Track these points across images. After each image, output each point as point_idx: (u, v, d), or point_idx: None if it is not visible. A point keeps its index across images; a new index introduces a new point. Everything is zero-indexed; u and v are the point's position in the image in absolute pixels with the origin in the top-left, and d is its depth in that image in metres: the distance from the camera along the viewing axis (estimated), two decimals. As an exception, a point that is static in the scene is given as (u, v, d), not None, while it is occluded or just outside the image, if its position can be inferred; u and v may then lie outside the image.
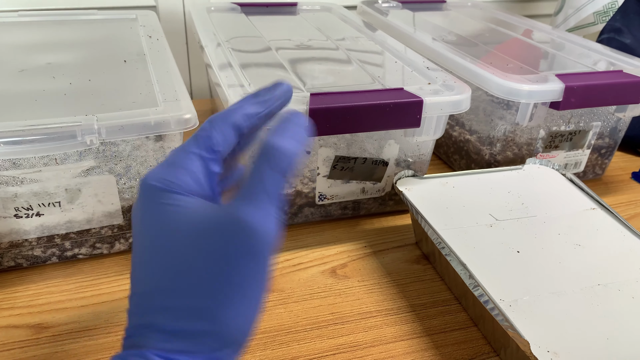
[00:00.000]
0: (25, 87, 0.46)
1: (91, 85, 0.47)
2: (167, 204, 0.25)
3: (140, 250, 0.26)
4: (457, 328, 0.41)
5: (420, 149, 0.52)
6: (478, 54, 0.60)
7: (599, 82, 0.52)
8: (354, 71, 0.54)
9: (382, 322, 0.41)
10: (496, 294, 0.37)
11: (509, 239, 0.43)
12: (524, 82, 0.51)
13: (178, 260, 0.24)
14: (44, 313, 0.41)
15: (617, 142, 0.62)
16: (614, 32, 0.75)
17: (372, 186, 0.52)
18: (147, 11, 0.69)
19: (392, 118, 0.45)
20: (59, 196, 0.42)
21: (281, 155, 0.25)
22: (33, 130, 0.37)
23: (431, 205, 0.46)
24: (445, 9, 0.85)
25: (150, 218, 0.26)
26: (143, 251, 0.26)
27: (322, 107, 0.43)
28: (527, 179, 0.51)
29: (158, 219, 0.25)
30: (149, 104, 0.43)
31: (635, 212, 0.58)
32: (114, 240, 0.46)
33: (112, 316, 0.41)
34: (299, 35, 0.65)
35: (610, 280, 0.39)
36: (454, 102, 0.47)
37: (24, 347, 0.38)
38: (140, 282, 0.25)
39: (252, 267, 0.24)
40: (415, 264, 0.48)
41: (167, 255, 0.24)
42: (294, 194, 0.50)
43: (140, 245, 0.26)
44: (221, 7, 0.74)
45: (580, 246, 0.42)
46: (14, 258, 0.44)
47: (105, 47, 0.57)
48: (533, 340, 0.33)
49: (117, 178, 0.43)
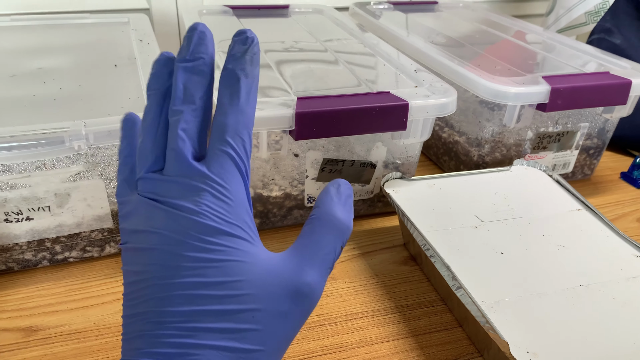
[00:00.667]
0: (15, 93, 0.46)
1: (81, 90, 0.47)
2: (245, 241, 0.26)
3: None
4: (442, 329, 0.42)
5: (407, 151, 0.52)
6: (468, 56, 0.61)
7: (585, 84, 0.52)
8: (341, 74, 0.54)
9: (368, 323, 0.42)
10: (478, 295, 0.37)
11: (493, 240, 0.43)
12: (511, 84, 0.51)
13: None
14: (34, 316, 0.41)
15: (605, 143, 0.62)
16: (604, 32, 0.75)
17: (361, 188, 0.53)
18: (139, 15, 0.70)
19: (379, 121, 0.46)
20: (49, 201, 0.42)
21: (347, 230, 0.28)
22: (21, 136, 0.38)
23: (417, 207, 0.47)
24: (437, 10, 0.85)
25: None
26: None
27: (309, 112, 0.43)
28: (514, 181, 0.52)
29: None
30: (138, 109, 0.43)
31: (623, 212, 0.58)
32: (104, 243, 0.47)
33: (102, 319, 0.41)
34: (289, 37, 0.65)
35: (592, 281, 0.39)
36: (440, 105, 0.47)
37: (14, 349, 0.38)
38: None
39: (304, 322, 0.27)
40: (402, 265, 0.48)
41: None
42: (283, 196, 0.51)
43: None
44: (213, 9, 0.74)
45: (564, 247, 0.43)
46: (4, 262, 0.44)
47: (96, 51, 0.57)
48: (513, 341, 0.34)
49: (107, 182, 0.43)
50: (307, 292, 0.26)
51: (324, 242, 0.27)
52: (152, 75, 0.28)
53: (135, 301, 0.25)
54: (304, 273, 0.26)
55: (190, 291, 0.24)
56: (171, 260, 0.24)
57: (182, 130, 0.26)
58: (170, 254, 0.25)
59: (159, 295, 0.24)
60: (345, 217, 0.28)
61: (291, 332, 0.26)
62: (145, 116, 0.28)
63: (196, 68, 0.27)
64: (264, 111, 0.43)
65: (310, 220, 0.28)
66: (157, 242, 0.25)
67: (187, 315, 0.24)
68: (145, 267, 0.25)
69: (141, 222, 0.26)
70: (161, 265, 0.25)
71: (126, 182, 0.28)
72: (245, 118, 0.27)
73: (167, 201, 0.25)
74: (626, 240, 0.44)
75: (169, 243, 0.25)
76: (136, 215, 0.26)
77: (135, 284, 0.25)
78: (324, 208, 0.28)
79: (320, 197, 0.29)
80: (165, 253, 0.25)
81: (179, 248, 0.24)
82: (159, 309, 0.24)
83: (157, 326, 0.24)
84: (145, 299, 0.25)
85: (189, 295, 0.24)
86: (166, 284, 0.24)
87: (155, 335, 0.24)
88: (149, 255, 0.25)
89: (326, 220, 0.28)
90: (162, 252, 0.25)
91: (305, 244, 0.27)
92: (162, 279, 0.24)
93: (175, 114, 0.26)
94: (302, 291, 0.26)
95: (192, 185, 0.25)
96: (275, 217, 0.52)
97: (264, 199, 0.50)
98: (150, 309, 0.24)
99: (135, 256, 0.26)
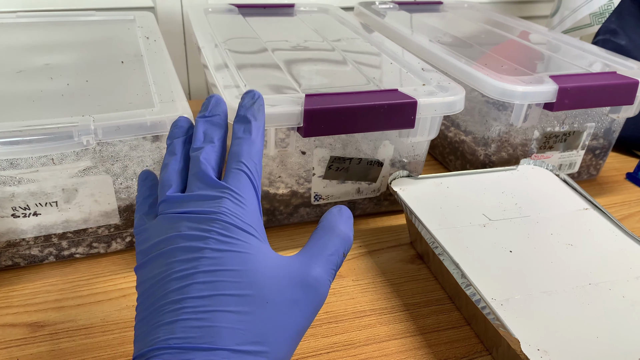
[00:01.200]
0: (23, 88, 0.46)
1: (88, 86, 0.47)
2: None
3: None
4: (450, 327, 0.42)
5: (415, 150, 0.52)
6: (474, 56, 0.61)
7: (592, 84, 0.52)
8: (349, 72, 0.54)
9: (376, 321, 0.42)
10: (488, 293, 0.37)
11: (501, 238, 0.43)
12: (518, 83, 0.51)
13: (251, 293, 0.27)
14: (40, 312, 0.41)
15: (611, 143, 0.62)
16: (609, 33, 0.75)
17: (368, 186, 0.53)
18: (145, 12, 0.70)
19: (387, 119, 0.45)
20: (56, 196, 0.42)
21: (349, 240, 0.32)
22: (30, 130, 0.38)
23: (425, 205, 0.47)
24: (442, 10, 0.85)
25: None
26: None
27: (317, 108, 0.43)
28: (521, 180, 0.52)
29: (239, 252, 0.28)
30: (146, 105, 0.43)
31: (629, 212, 0.58)
32: (111, 239, 0.47)
33: (108, 315, 0.41)
34: (295, 36, 0.65)
35: (601, 280, 0.39)
36: (448, 103, 0.47)
37: (21, 345, 0.38)
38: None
39: (313, 317, 0.29)
40: (409, 264, 0.48)
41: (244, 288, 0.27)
42: (290, 194, 0.51)
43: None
44: (219, 8, 0.74)
45: (572, 246, 0.43)
46: (11, 257, 0.44)
47: (102, 48, 0.57)
48: (523, 338, 0.33)
49: (114, 178, 0.43)
50: (314, 284, 0.29)
51: (328, 245, 0.31)
52: (174, 127, 0.34)
53: (151, 299, 0.27)
54: (310, 268, 0.29)
55: (212, 278, 0.26)
56: (193, 253, 0.27)
57: (203, 159, 0.31)
58: (192, 248, 0.27)
59: (179, 286, 0.26)
60: (347, 230, 0.32)
61: (302, 320, 0.28)
62: (167, 157, 0.33)
63: (213, 120, 0.33)
64: (273, 108, 0.43)
65: (315, 230, 0.32)
66: (179, 241, 0.28)
67: (208, 299, 0.26)
68: (164, 267, 0.27)
69: (163, 232, 0.29)
70: (183, 259, 0.27)
71: (145, 216, 0.32)
72: (255, 148, 0.32)
73: (189, 210, 0.29)
74: (634, 239, 0.44)
75: (191, 239, 0.27)
76: (157, 231, 0.29)
77: (152, 286, 0.27)
78: (328, 222, 0.32)
79: (324, 215, 0.33)
80: (188, 249, 0.27)
81: (201, 242, 0.27)
82: (179, 297, 0.26)
83: (175, 313, 0.25)
84: (163, 293, 0.26)
85: (210, 281, 0.26)
86: (187, 274, 0.26)
87: (174, 322, 0.25)
88: (170, 254, 0.27)
89: (330, 229, 0.31)
90: (185, 249, 0.27)
91: (311, 246, 0.31)
92: (183, 271, 0.27)
93: (196, 150, 0.31)
94: (309, 282, 0.29)
95: (212, 195, 0.29)
96: (281, 214, 0.52)
97: (270, 197, 0.50)
98: (169, 300, 0.26)
99: (153, 264, 0.28)
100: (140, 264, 0.29)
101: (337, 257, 0.31)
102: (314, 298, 0.29)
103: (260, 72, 0.52)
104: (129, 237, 0.47)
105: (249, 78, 0.49)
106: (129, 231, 0.47)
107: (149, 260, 0.28)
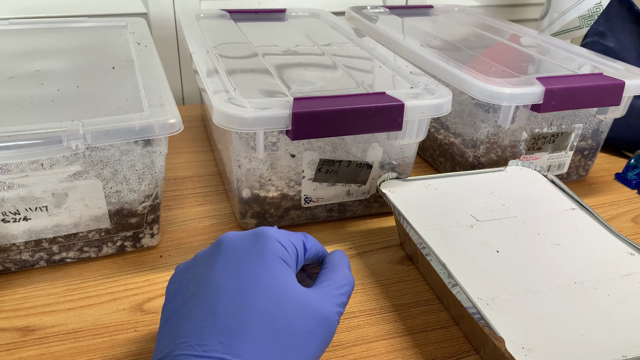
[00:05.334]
0: (13, 94, 0.47)
1: (79, 92, 0.48)
2: (279, 258, 0.33)
3: (231, 274, 0.32)
4: (439, 327, 0.42)
5: (403, 152, 0.53)
6: (464, 59, 0.61)
7: (579, 85, 0.53)
8: (339, 76, 0.55)
9: (365, 321, 0.42)
10: (474, 292, 0.37)
11: (489, 239, 0.44)
12: (505, 85, 0.52)
13: (268, 312, 0.30)
14: (31, 316, 0.41)
15: (599, 144, 0.63)
16: (597, 35, 0.76)
17: (357, 189, 0.53)
18: (137, 18, 0.70)
19: (374, 121, 0.46)
20: (46, 201, 0.42)
21: (352, 283, 0.37)
22: (19, 135, 0.38)
23: (413, 206, 0.47)
24: (433, 14, 0.86)
25: (261, 263, 0.32)
26: (233, 277, 0.32)
27: (305, 111, 0.43)
28: (509, 181, 0.52)
29: (272, 269, 0.32)
30: (135, 110, 0.43)
31: (617, 212, 0.59)
32: (102, 243, 0.47)
33: (99, 318, 0.41)
34: (286, 41, 0.66)
35: (587, 279, 0.40)
36: (435, 105, 0.48)
37: (10, 349, 0.38)
38: (222, 313, 0.30)
39: (324, 349, 0.33)
40: (399, 265, 0.49)
41: (259, 303, 0.30)
42: (280, 196, 0.51)
43: (234, 272, 0.32)
44: (210, 14, 0.75)
45: (559, 245, 0.43)
46: (1, 262, 0.44)
47: (94, 54, 0.58)
48: (509, 337, 0.34)
49: (104, 182, 0.44)
50: (328, 319, 0.32)
51: (339, 285, 0.35)
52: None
53: (180, 312, 0.31)
54: (325, 303, 0.33)
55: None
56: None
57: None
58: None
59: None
60: (350, 273, 0.37)
61: (313, 351, 0.31)
62: None
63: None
64: (262, 111, 0.43)
65: (325, 270, 0.36)
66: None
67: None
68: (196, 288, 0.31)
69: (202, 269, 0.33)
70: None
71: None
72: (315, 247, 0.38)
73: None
74: (620, 238, 0.44)
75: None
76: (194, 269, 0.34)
77: (183, 304, 0.31)
78: (335, 264, 0.37)
79: (329, 257, 0.38)
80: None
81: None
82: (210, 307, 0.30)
83: (208, 321, 0.29)
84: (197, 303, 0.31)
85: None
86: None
87: (206, 327, 0.29)
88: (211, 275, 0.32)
89: (339, 271, 0.36)
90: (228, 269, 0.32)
91: (325, 284, 0.35)
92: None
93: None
94: (324, 315, 0.32)
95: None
96: (272, 217, 0.52)
97: (260, 200, 0.50)
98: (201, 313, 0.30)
99: (184, 287, 0.32)
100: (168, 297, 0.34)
101: (346, 297, 0.35)
102: (326, 331, 0.32)
103: (251, 77, 0.53)
104: (120, 241, 0.47)
105: (239, 83, 0.50)
106: (119, 235, 0.47)
107: (180, 289, 0.33)
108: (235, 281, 0.31)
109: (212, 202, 0.57)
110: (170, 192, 0.59)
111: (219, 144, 0.61)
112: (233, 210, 0.56)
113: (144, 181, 0.45)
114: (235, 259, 0.32)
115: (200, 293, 0.31)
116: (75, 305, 0.42)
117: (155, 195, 0.46)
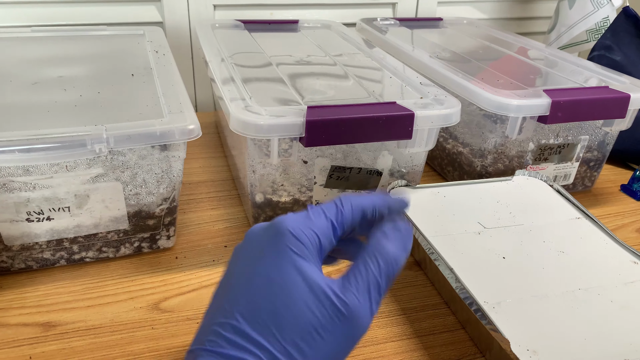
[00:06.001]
0: (38, 99, 0.48)
1: (100, 98, 0.49)
2: (297, 255, 0.29)
3: (250, 278, 0.30)
4: (446, 330, 0.43)
5: (413, 160, 0.54)
6: (472, 71, 0.63)
7: (585, 97, 0.54)
8: (350, 86, 0.56)
9: (374, 324, 0.43)
10: (481, 296, 0.39)
11: (495, 245, 0.45)
12: (513, 97, 0.53)
13: (289, 310, 0.28)
14: (52, 312, 0.43)
15: (605, 155, 0.64)
16: (604, 49, 0.77)
17: (367, 195, 0.54)
18: (154, 27, 0.72)
19: (385, 130, 0.47)
20: (69, 201, 0.44)
21: (393, 264, 0.30)
22: (45, 138, 0.40)
23: (422, 213, 0.48)
24: (442, 27, 0.87)
25: (275, 259, 0.29)
26: (253, 280, 0.29)
27: (318, 119, 0.45)
28: (516, 190, 0.53)
29: (284, 266, 0.29)
30: (155, 115, 0.45)
31: (622, 222, 0.60)
32: (120, 244, 0.49)
33: (117, 316, 0.43)
34: (299, 51, 0.67)
35: (591, 285, 0.41)
36: (444, 115, 0.49)
37: (32, 343, 0.40)
38: (248, 307, 0.28)
39: (349, 347, 0.29)
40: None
41: (280, 301, 0.28)
42: (292, 201, 0.52)
43: (252, 275, 0.30)
44: (225, 24, 0.77)
45: (564, 253, 0.44)
46: (24, 260, 0.46)
47: (113, 61, 0.60)
48: (514, 339, 0.35)
49: (124, 185, 0.45)
50: (352, 318, 0.28)
51: (369, 269, 0.29)
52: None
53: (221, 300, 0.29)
54: (344, 294, 0.28)
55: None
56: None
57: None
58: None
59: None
60: (395, 249, 0.30)
61: (334, 352, 0.28)
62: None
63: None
64: (276, 119, 0.45)
65: (360, 257, 0.30)
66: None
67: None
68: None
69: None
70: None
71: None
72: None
73: None
74: (624, 247, 0.45)
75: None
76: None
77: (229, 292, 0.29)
78: (375, 240, 0.30)
79: (374, 230, 0.31)
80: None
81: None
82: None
83: (219, 317, 0.28)
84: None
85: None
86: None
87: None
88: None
89: (372, 249, 0.30)
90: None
91: (352, 270, 0.30)
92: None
93: None
94: (344, 315, 0.28)
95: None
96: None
97: (273, 204, 0.52)
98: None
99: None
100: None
101: (378, 293, 0.29)
102: (347, 330, 0.28)
103: (265, 86, 0.55)
104: (137, 242, 0.49)
105: (254, 91, 0.51)
106: (137, 236, 0.49)
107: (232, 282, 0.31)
108: (247, 281, 0.30)
109: (226, 206, 0.59)
110: (185, 196, 0.61)
111: (233, 150, 0.63)
112: (246, 215, 0.57)
113: (162, 184, 0.47)
114: (250, 257, 0.31)
115: (221, 284, 0.31)
116: (94, 303, 0.44)
117: (173, 199, 0.48)
